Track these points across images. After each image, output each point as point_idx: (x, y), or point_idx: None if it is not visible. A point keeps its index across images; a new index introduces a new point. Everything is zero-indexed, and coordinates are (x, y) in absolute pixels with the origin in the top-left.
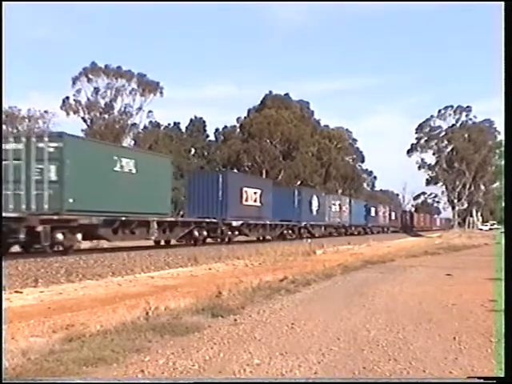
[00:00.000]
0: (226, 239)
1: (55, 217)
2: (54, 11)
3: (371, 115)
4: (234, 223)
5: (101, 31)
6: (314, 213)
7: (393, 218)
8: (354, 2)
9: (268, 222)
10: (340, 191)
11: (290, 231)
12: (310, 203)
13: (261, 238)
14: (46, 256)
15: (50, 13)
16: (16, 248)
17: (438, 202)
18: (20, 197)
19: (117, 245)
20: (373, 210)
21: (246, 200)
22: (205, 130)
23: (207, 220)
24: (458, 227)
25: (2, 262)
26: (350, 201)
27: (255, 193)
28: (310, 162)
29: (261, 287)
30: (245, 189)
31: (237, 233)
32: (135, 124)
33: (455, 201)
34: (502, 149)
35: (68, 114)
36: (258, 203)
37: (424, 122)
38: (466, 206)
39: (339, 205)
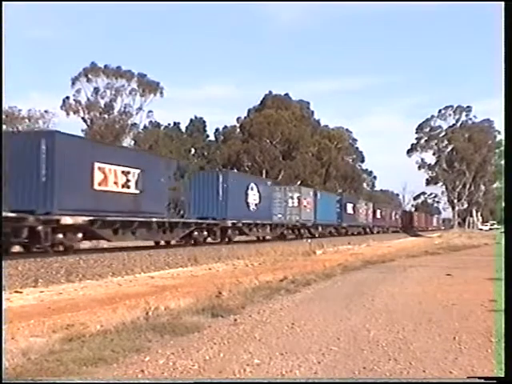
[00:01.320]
0: (49, 248)
1: None
2: (54, 11)
3: (371, 115)
4: (67, 220)
5: (101, 31)
6: (253, 207)
7: (378, 216)
8: (354, 2)
9: (154, 220)
10: (340, 191)
11: (206, 232)
12: (246, 194)
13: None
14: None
15: (49, 13)
16: (16, 248)
17: (437, 202)
18: None
19: (117, 245)
20: (349, 206)
21: (104, 183)
22: (205, 130)
23: None
24: (458, 227)
25: (2, 261)
26: (316, 194)
27: (126, 173)
28: (310, 162)
29: (261, 287)
30: (100, 165)
31: (80, 236)
32: (135, 124)
33: (455, 201)
34: (502, 149)
35: (68, 114)
36: (132, 190)
37: (424, 122)
38: (466, 206)
39: (298, 198)
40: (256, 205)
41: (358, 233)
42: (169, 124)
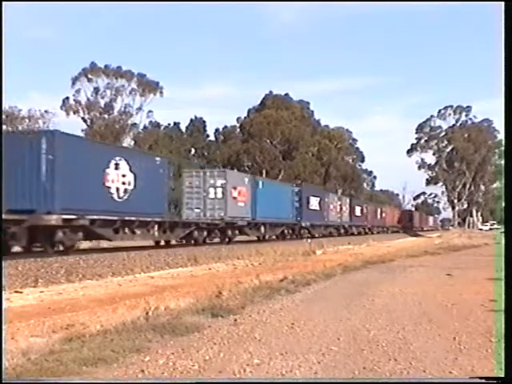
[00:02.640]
0: None
1: None
2: (54, 11)
3: (371, 115)
4: None
5: (100, 31)
6: (120, 196)
7: (357, 214)
8: (355, 2)
9: None
10: (340, 191)
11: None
12: (104, 174)
13: None
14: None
15: (49, 13)
16: (17, 248)
17: (437, 201)
18: None
19: (117, 245)
20: (314, 200)
21: None
22: (205, 130)
23: None
24: (458, 227)
25: (2, 261)
26: (257, 182)
27: None
28: (309, 162)
29: (261, 287)
30: None
31: None
32: (135, 124)
33: (455, 201)
34: (502, 149)
35: (68, 114)
36: None
37: (424, 122)
38: (465, 206)
39: (223, 187)
40: (127, 191)
41: (330, 233)
42: (169, 124)
